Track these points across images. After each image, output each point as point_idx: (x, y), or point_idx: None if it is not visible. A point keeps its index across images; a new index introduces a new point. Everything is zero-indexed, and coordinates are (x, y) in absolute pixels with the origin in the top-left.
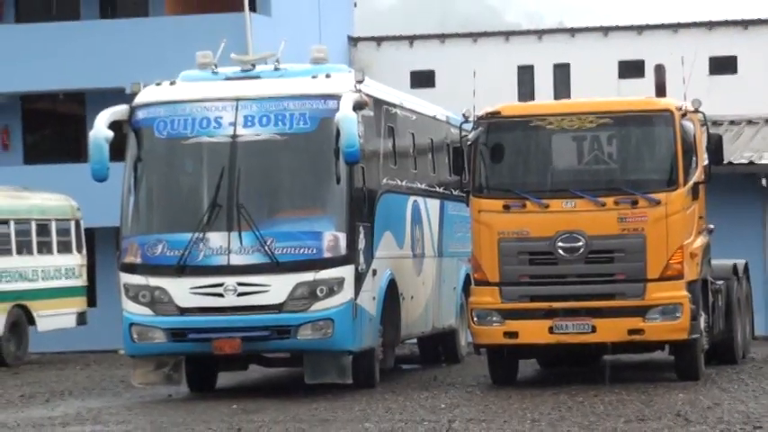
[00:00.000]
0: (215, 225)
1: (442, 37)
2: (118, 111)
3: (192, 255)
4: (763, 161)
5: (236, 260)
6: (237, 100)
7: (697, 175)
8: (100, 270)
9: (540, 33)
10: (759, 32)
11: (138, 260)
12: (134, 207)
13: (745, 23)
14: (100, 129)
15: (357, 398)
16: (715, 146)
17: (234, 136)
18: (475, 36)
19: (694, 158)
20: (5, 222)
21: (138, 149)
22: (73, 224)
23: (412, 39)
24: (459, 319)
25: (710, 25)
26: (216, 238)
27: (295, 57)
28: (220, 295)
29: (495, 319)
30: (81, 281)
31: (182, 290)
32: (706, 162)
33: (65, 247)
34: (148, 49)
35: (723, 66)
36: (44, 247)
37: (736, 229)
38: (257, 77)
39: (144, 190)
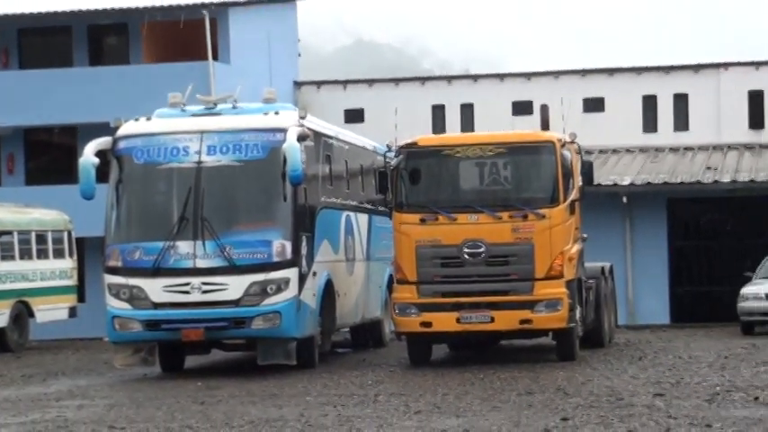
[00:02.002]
0: (183, 235)
1: (370, 81)
2: (103, 141)
3: (165, 259)
4: (624, 183)
5: (201, 264)
6: (202, 133)
7: (574, 194)
8: (88, 272)
9: (449, 79)
10: (622, 78)
11: (120, 264)
12: (116, 220)
13: (611, 71)
14: (87, 156)
15: (300, 376)
16: (587, 170)
17: (199, 162)
18: (397, 80)
19: (572, 181)
20: (10, 233)
21: (120, 173)
22: (66, 234)
23: (345, 83)
24: (384, 312)
25: (583, 72)
26: (184, 246)
27: (249, 97)
28: (188, 292)
29: (413, 311)
30: (72, 281)
31: (155, 288)
32: (581, 183)
33: (59, 253)
34: (129, 91)
35: (594, 105)
36: (42, 253)
37: (604, 237)
38: (218, 114)
39: (124, 206)
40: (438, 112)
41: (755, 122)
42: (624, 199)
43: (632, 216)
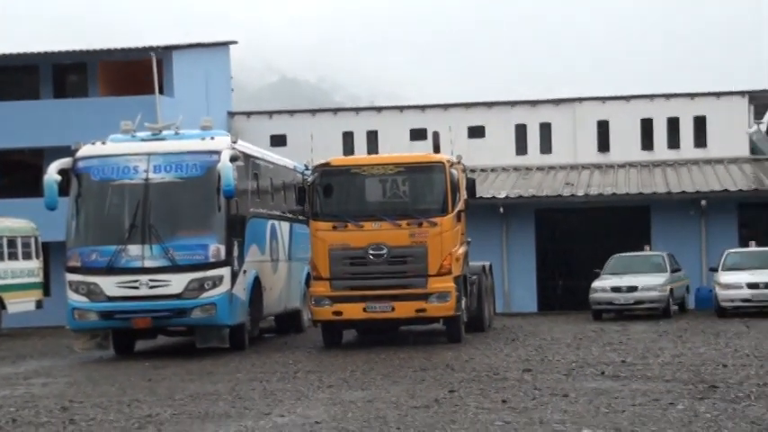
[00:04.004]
0: (133, 240)
1: (291, 112)
2: (64, 161)
3: (117, 260)
4: (501, 196)
5: (148, 264)
6: (149, 154)
7: (460, 206)
8: (52, 271)
9: (357, 110)
10: (499, 110)
11: (79, 264)
12: (75, 228)
13: (490, 104)
14: (51, 174)
15: (232, 357)
16: (471, 186)
17: (146, 179)
18: (313, 111)
19: (458, 194)
20: None
21: (79, 188)
22: (33, 239)
23: (271, 113)
24: (303, 303)
25: (467, 105)
26: (134, 249)
27: (190, 125)
28: (137, 288)
29: (326, 302)
30: (39, 278)
31: (109, 284)
32: (465, 197)
33: (27, 255)
34: (87, 119)
35: (476, 132)
36: (13, 255)
37: (484, 241)
38: (163, 139)
39: (82, 216)
40: (348, 137)
41: (603, 146)
42: (501, 209)
43: (507, 223)
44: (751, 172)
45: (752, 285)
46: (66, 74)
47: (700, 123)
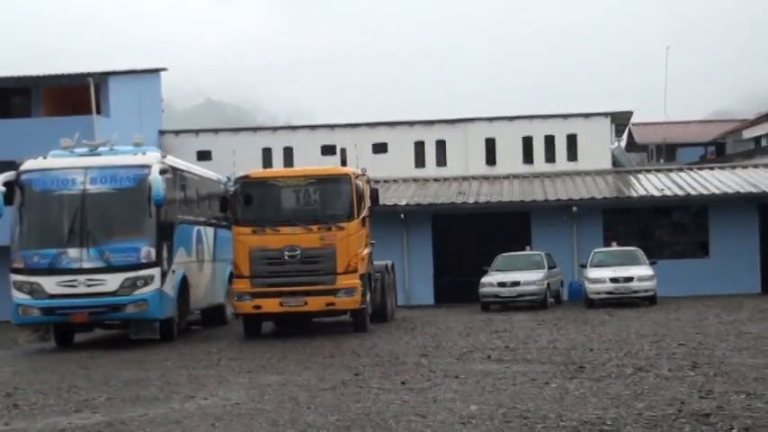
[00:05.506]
0: (72, 244)
1: (216, 130)
2: (9, 174)
3: (57, 262)
4: (402, 203)
5: (86, 265)
6: (86, 168)
7: (365, 212)
8: None
9: (274, 129)
10: (400, 129)
11: (23, 265)
12: (19, 233)
13: (392, 123)
14: None
15: (162, 347)
16: (374, 195)
17: (84, 190)
18: (236, 130)
19: (363, 202)
20: None
21: (22, 198)
22: None
23: (197, 131)
24: (226, 298)
25: (372, 124)
26: (73, 252)
27: (124, 142)
28: (75, 286)
29: (247, 298)
30: None
31: (50, 283)
32: (369, 205)
33: None
34: (31, 137)
35: (379, 148)
36: None
37: (387, 243)
38: (99, 154)
39: (26, 223)
40: (266, 153)
41: (490, 160)
42: (402, 215)
43: (407, 227)
44: (613, 182)
45: (614, 280)
46: (11, 97)
47: (572, 140)
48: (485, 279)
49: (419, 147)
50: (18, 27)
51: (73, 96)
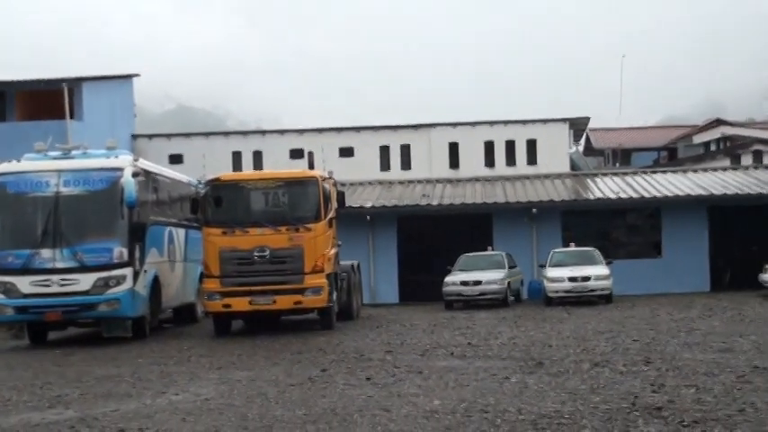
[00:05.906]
0: (45, 244)
1: (187, 134)
2: None
3: (31, 262)
4: (368, 205)
5: (59, 265)
6: (60, 171)
7: (332, 214)
8: None
9: (244, 133)
10: (366, 133)
11: None
12: None
13: (358, 128)
14: None
15: (134, 345)
16: (341, 198)
17: (57, 192)
18: (207, 134)
19: (330, 204)
20: None
21: None
22: None
23: (169, 135)
24: (197, 297)
25: (339, 129)
26: (46, 252)
27: (97, 146)
28: (49, 286)
29: (217, 297)
30: None
31: (24, 283)
32: (336, 206)
33: None
34: (5, 140)
35: (346, 153)
36: None
37: (353, 244)
38: (72, 157)
39: (0, 224)
40: (236, 156)
41: (453, 164)
42: (368, 217)
43: (373, 228)
44: (571, 185)
45: (572, 279)
46: None
47: (531, 145)
48: (448, 278)
49: (384, 151)
50: None
51: (47, 101)
